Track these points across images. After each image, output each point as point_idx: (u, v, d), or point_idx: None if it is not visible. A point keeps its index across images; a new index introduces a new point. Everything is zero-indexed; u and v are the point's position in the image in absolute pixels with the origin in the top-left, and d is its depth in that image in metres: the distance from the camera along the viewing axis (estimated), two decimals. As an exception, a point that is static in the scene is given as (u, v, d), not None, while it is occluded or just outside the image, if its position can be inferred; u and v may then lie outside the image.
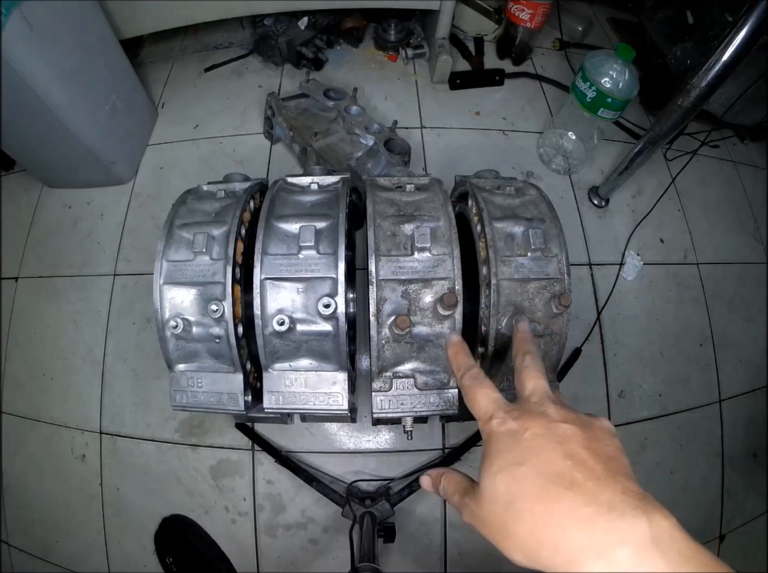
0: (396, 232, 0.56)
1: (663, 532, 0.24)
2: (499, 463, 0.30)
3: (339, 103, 1.06)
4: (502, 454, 0.30)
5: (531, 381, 0.36)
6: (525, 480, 0.28)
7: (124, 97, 1.11)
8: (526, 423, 0.31)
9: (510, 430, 0.31)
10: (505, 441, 0.31)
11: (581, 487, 0.27)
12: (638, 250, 1.13)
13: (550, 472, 0.28)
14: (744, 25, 0.71)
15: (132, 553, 0.97)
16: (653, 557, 0.23)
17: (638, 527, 0.24)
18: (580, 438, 0.30)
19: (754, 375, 1.12)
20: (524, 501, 0.28)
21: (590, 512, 0.25)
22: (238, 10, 1.16)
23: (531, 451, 0.29)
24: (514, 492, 0.28)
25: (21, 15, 0.78)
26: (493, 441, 0.32)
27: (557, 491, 0.27)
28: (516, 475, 0.29)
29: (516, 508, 0.28)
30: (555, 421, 0.31)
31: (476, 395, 0.36)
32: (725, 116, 1.20)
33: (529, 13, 1.20)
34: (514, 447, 0.30)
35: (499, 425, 0.32)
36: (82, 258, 1.12)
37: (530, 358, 0.39)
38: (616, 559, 0.23)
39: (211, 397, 0.58)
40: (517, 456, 0.30)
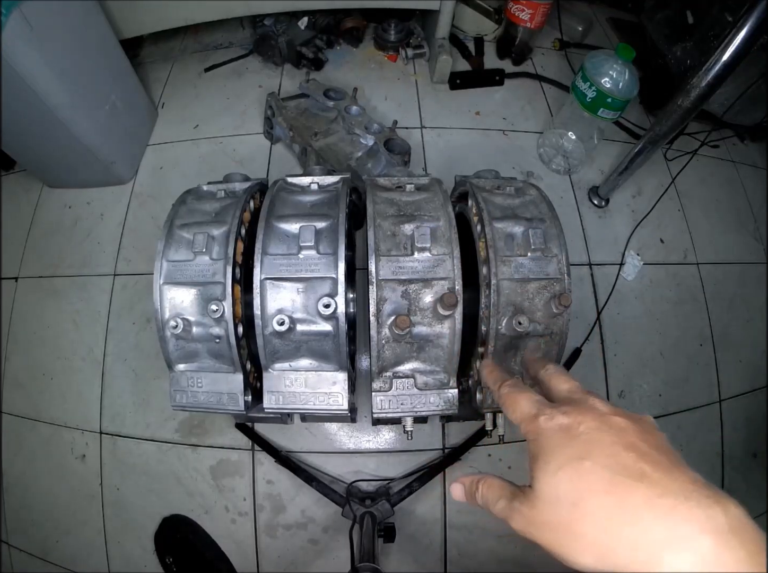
0: (396, 232, 0.56)
1: (738, 521, 0.23)
2: (557, 461, 0.28)
3: (339, 103, 1.06)
4: (558, 450, 0.28)
5: (564, 384, 0.35)
6: (591, 475, 0.26)
7: (124, 97, 1.11)
8: (577, 417, 0.29)
9: (561, 426, 0.29)
10: (558, 437, 0.29)
11: (650, 478, 0.25)
12: (638, 250, 1.13)
13: (616, 465, 0.26)
14: (744, 25, 0.71)
15: (132, 553, 0.97)
16: (733, 545, 0.22)
17: (715, 516, 0.23)
18: (635, 430, 0.28)
19: (754, 375, 1.12)
20: (593, 497, 0.26)
21: (667, 503, 0.24)
22: (238, 10, 1.16)
23: (591, 445, 0.28)
24: (580, 489, 0.26)
25: (21, 15, 0.78)
26: (543, 438, 0.30)
27: (628, 483, 0.25)
28: (580, 470, 0.27)
29: (584, 506, 0.26)
30: (606, 414, 0.30)
31: (517, 399, 0.34)
32: (725, 116, 1.19)
33: (529, 13, 1.20)
34: (571, 442, 0.28)
35: (548, 421, 0.30)
36: (82, 258, 1.12)
37: (552, 366, 0.38)
38: (700, 550, 0.22)
39: (211, 397, 0.58)
40: (577, 451, 0.28)
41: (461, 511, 0.94)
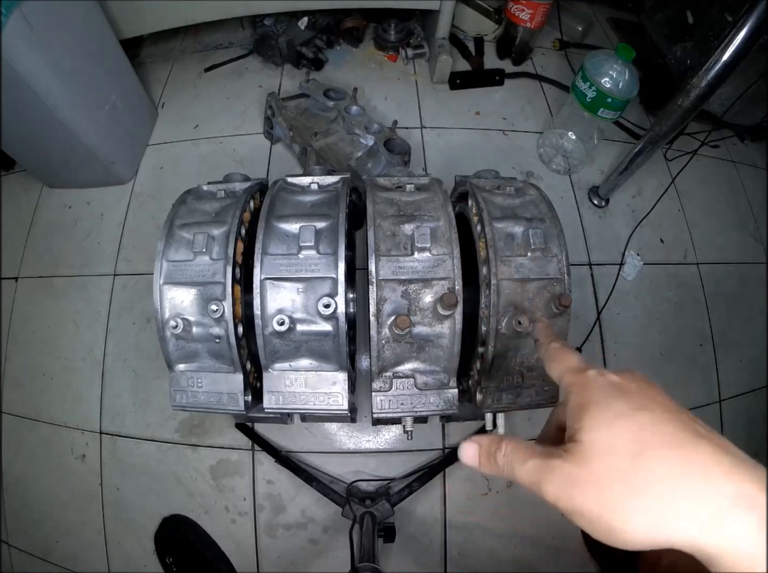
0: (396, 232, 0.56)
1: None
2: (614, 410, 0.26)
3: (339, 103, 1.06)
4: (613, 401, 0.27)
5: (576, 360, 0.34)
6: (653, 427, 0.25)
7: (124, 97, 1.11)
8: (627, 378, 0.29)
9: (612, 382, 0.28)
10: (611, 391, 0.28)
11: (708, 437, 0.25)
12: (638, 250, 1.13)
13: (675, 420, 0.25)
14: (744, 25, 0.71)
15: (132, 553, 0.97)
16: None
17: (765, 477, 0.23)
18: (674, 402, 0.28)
19: (754, 375, 1.12)
20: (656, 449, 0.24)
21: (729, 461, 0.24)
22: (238, 10, 1.16)
23: (647, 399, 0.27)
24: (641, 439, 0.25)
25: (21, 15, 0.79)
26: (594, 390, 0.28)
27: (691, 439, 0.25)
28: (641, 421, 0.25)
29: (647, 457, 0.24)
30: (652, 384, 0.29)
31: (567, 355, 0.34)
32: (725, 116, 1.19)
33: (529, 13, 1.20)
34: (625, 396, 0.27)
35: (598, 376, 0.29)
36: (82, 258, 1.12)
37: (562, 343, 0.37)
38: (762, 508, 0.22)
39: (211, 397, 0.58)
40: (634, 403, 0.27)
41: (461, 511, 0.94)
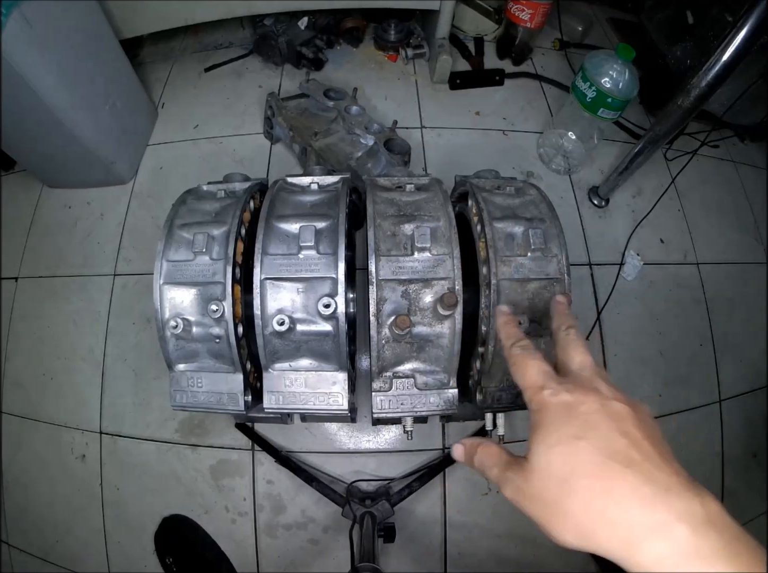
0: (396, 232, 0.56)
1: (715, 513, 0.24)
2: (555, 436, 0.29)
3: (339, 103, 1.06)
4: (558, 426, 0.29)
5: (579, 355, 0.35)
6: (583, 455, 0.27)
7: (124, 97, 1.11)
8: (580, 397, 0.30)
9: (564, 403, 0.30)
10: (559, 413, 0.30)
11: (639, 466, 0.26)
12: (638, 250, 1.13)
13: (608, 449, 0.27)
14: (744, 25, 0.71)
15: (132, 553, 0.97)
16: (709, 536, 0.23)
17: (692, 507, 0.24)
18: (632, 418, 0.29)
19: (754, 375, 1.12)
20: (582, 477, 0.27)
21: (650, 491, 0.25)
22: (238, 10, 1.16)
23: (588, 426, 0.29)
24: (571, 467, 0.27)
25: (21, 15, 0.78)
26: (545, 412, 0.31)
27: (617, 469, 0.26)
28: (574, 449, 0.28)
29: (573, 484, 0.27)
30: (608, 398, 0.30)
31: (526, 364, 0.35)
32: (725, 116, 1.19)
33: (529, 13, 1.20)
34: (571, 420, 0.29)
35: (552, 396, 0.31)
36: (82, 258, 1.12)
37: (574, 332, 0.38)
38: (675, 538, 0.24)
39: (211, 397, 0.58)
40: (574, 430, 0.29)
41: (461, 511, 0.94)
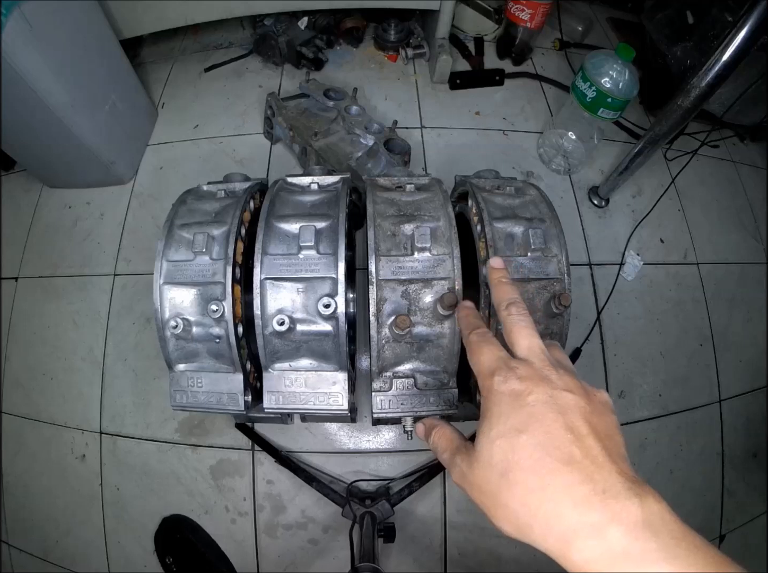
0: (396, 232, 0.56)
1: (654, 515, 0.24)
2: (498, 428, 0.29)
3: (339, 103, 1.06)
4: (502, 418, 0.29)
5: (524, 339, 0.34)
6: (523, 450, 0.28)
7: (124, 97, 1.11)
8: (529, 386, 0.30)
9: (512, 391, 0.30)
10: (506, 403, 0.30)
11: (579, 464, 0.26)
12: (638, 250, 1.13)
13: (549, 445, 0.27)
14: (744, 25, 0.71)
15: (132, 553, 0.97)
16: (645, 537, 0.23)
17: (630, 508, 0.24)
18: (582, 410, 0.29)
19: (754, 375, 1.12)
20: (520, 471, 0.27)
21: (585, 491, 0.25)
22: (238, 10, 1.16)
23: (532, 419, 0.28)
24: (510, 461, 0.28)
25: (21, 15, 0.78)
26: (493, 400, 0.30)
27: (554, 466, 0.26)
28: (515, 443, 0.28)
29: (511, 478, 0.27)
30: (558, 388, 0.30)
31: (481, 350, 0.34)
32: (725, 116, 1.19)
33: (529, 13, 1.20)
34: (516, 411, 0.29)
35: (501, 383, 0.31)
36: (82, 258, 1.12)
37: (515, 309, 0.35)
38: (609, 539, 0.23)
39: (211, 397, 0.58)
40: (518, 422, 0.29)
41: (461, 510, 0.94)
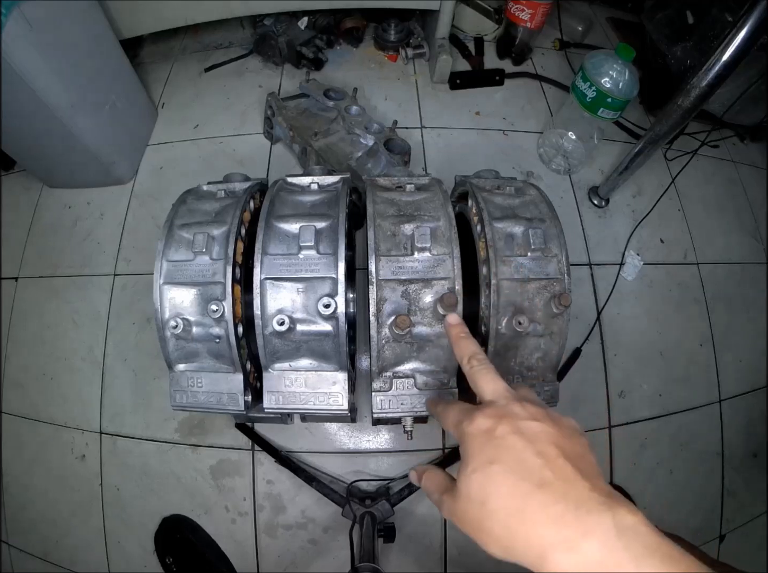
0: (396, 232, 0.56)
1: (627, 526, 0.25)
2: (473, 464, 0.31)
3: (339, 103, 1.06)
4: (475, 454, 0.31)
5: (488, 385, 0.36)
6: (497, 478, 0.29)
7: (124, 97, 1.11)
8: (496, 421, 0.32)
9: (480, 429, 0.32)
10: (477, 441, 0.32)
11: (551, 485, 0.28)
12: (638, 250, 1.13)
13: (521, 471, 0.29)
14: (744, 25, 0.71)
15: (132, 553, 0.97)
16: (617, 548, 0.24)
17: (603, 521, 0.25)
18: (550, 436, 0.31)
19: (754, 375, 1.12)
20: (497, 499, 0.29)
21: (559, 509, 0.26)
22: (238, 10, 1.16)
23: (502, 449, 0.30)
24: (487, 491, 0.29)
25: (21, 15, 0.78)
26: (466, 442, 0.33)
27: (528, 489, 0.28)
28: (488, 473, 0.30)
29: (490, 506, 0.29)
30: (524, 418, 0.32)
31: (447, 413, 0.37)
32: (725, 116, 1.19)
33: (529, 13, 1.20)
34: (486, 446, 0.31)
35: (468, 425, 0.33)
36: (82, 258, 1.12)
37: (477, 361, 0.39)
38: (584, 552, 0.25)
39: (211, 397, 0.58)
40: (489, 455, 0.30)
41: (461, 511, 0.94)
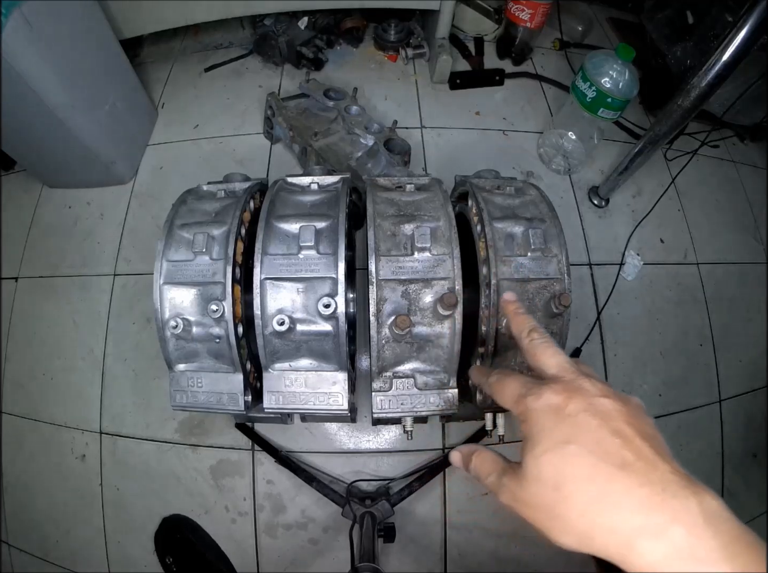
0: (396, 232, 0.56)
1: (713, 512, 0.24)
2: (543, 443, 0.28)
3: (339, 103, 1.06)
4: (545, 433, 0.29)
5: (551, 358, 0.34)
6: (574, 460, 0.27)
7: (124, 97, 1.11)
8: (566, 398, 0.29)
9: (550, 406, 0.29)
10: (546, 418, 0.29)
11: (632, 466, 0.26)
12: (638, 250, 1.13)
13: (600, 451, 0.27)
14: (744, 25, 0.71)
15: (132, 553, 0.97)
16: (705, 536, 0.23)
17: (690, 507, 0.24)
18: (623, 414, 0.28)
19: (754, 375, 1.12)
20: (575, 482, 0.26)
21: (645, 492, 0.25)
22: (238, 10, 1.16)
23: (577, 428, 0.28)
24: (563, 473, 0.27)
25: (21, 15, 0.78)
26: (532, 419, 0.30)
27: (610, 471, 0.26)
28: (564, 455, 0.27)
29: (566, 491, 0.27)
30: (596, 396, 0.29)
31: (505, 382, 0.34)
32: (725, 116, 1.19)
33: (529, 13, 1.20)
34: (558, 424, 0.28)
35: (536, 400, 0.30)
36: (82, 258, 1.12)
37: (537, 334, 0.36)
38: (672, 539, 0.23)
39: (211, 397, 0.58)
40: (562, 434, 0.28)
41: (461, 511, 0.94)
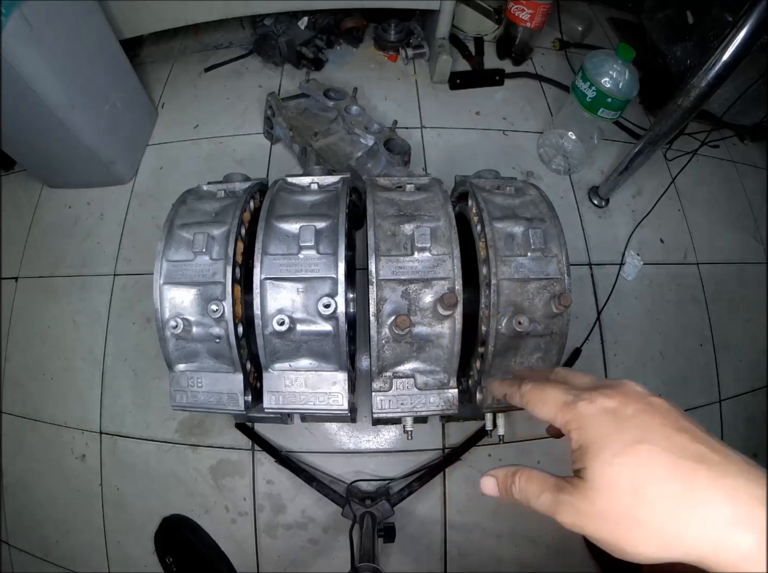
0: (396, 232, 0.56)
1: None
2: (612, 447, 0.26)
3: (339, 103, 1.06)
4: (610, 436, 0.27)
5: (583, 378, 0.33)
6: (652, 460, 0.25)
7: (124, 97, 1.11)
8: (622, 400, 0.28)
9: (607, 409, 0.28)
10: (605, 422, 0.27)
11: (710, 459, 0.25)
12: (638, 250, 1.13)
13: (675, 447, 0.25)
14: (744, 25, 0.71)
15: (132, 553, 0.97)
16: None
17: None
18: (677, 411, 0.27)
19: (754, 375, 1.12)
20: (656, 482, 0.25)
21: (730, 483, 0.24)
22: (238, 10, 1.16)
23: (644, 428, 0.26)
24: (641, 475, 0.25)
25: (21, 15, 0.78)
26: (589, 425, 0.28)
27: (690, 466, 0.24)
28: (639, 456, 0.25)
29: (647, 493, 0.25)
30: (647, 395, 0.28)
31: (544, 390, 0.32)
32: (725, 116, 1.19)
33: (529, 13, 1.20)
34: (621, 427, 0.27)
35: (589, 405, 0.28)
36: (82, 258, 1.12)
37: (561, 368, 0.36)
38: (762, 530, 0.22)
39: (211, 397, 0.58)
40: (631, 435, 0.26)
41: (461, 511, 0.94)
